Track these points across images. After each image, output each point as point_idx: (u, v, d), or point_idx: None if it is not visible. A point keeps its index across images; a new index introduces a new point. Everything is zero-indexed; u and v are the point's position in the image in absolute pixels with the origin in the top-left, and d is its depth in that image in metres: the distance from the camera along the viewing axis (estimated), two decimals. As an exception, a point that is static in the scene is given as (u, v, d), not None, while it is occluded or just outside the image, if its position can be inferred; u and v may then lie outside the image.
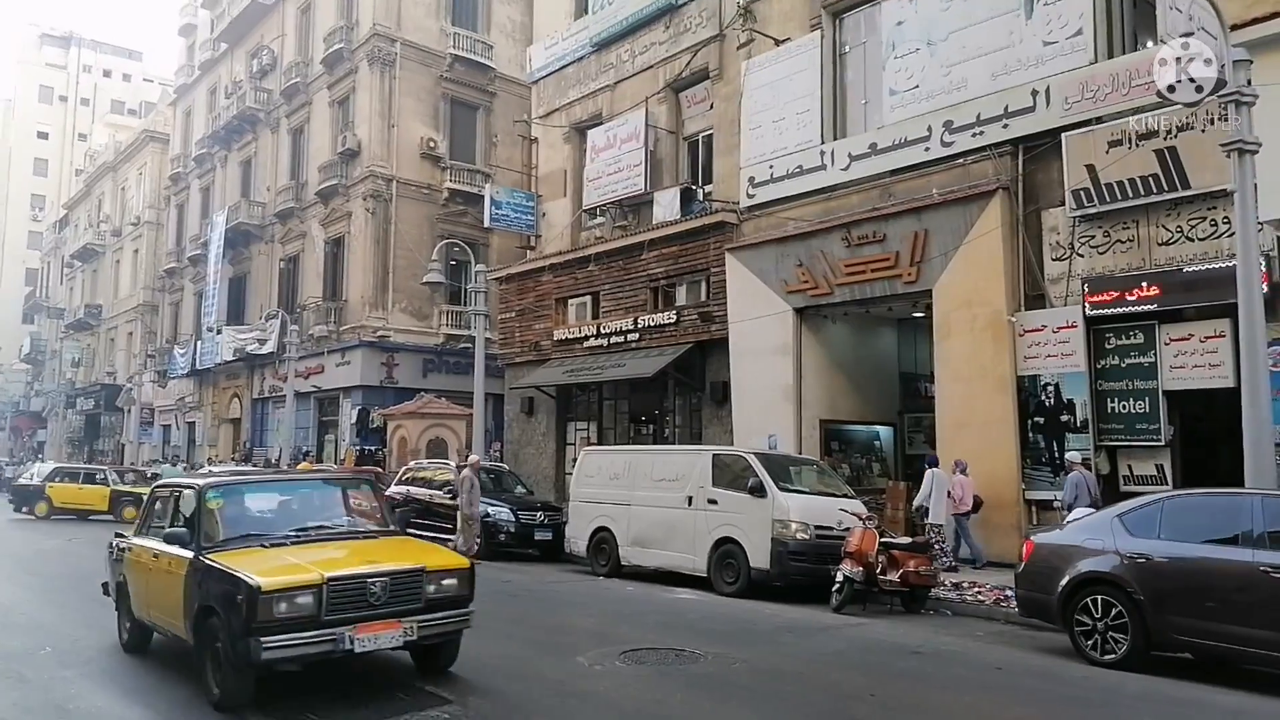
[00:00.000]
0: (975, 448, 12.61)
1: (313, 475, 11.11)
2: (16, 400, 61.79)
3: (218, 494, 6.76)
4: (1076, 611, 7.54)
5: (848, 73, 15.56)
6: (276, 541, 6.38)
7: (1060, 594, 7.64)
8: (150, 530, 7.40)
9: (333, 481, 8.24)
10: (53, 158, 72.12)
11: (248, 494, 7.10)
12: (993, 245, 12.65)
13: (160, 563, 6.70)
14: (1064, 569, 7.69)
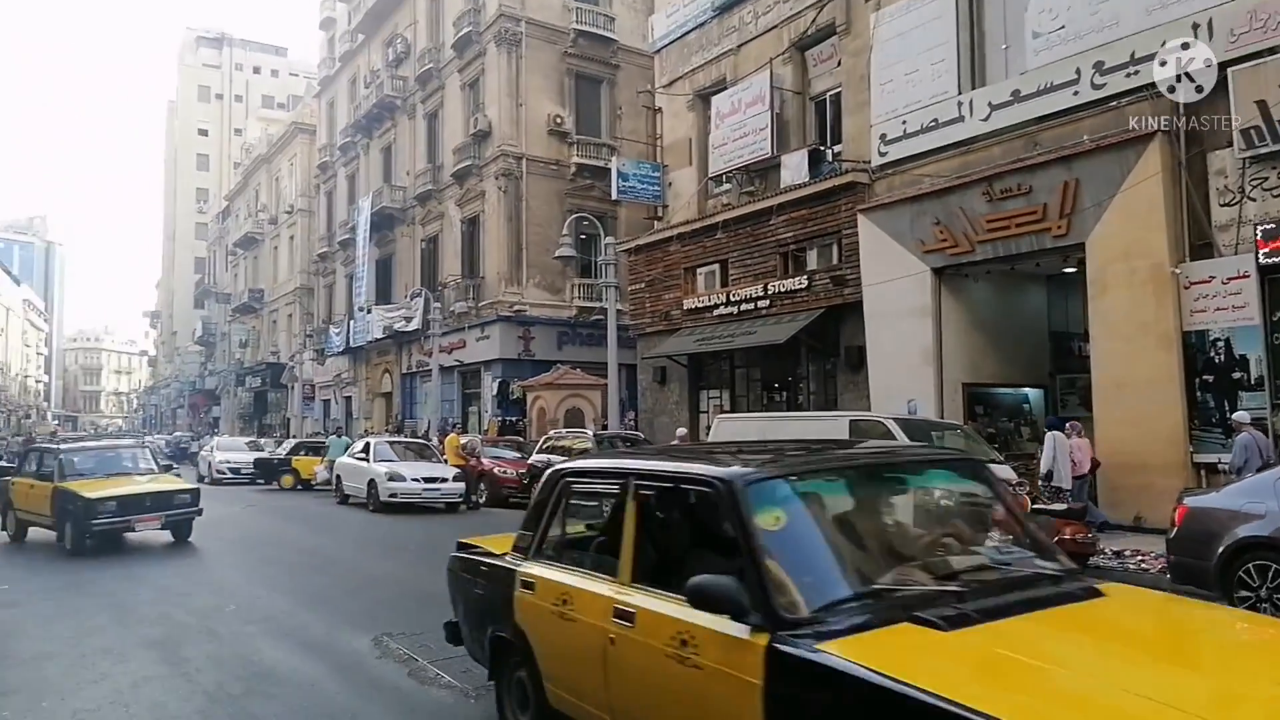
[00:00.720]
0: (1136, 409, 11.89)
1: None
2: (192, 380, 67.16)
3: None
4: (1236, 578, 7.11)
5: (985, 17, 14.75)
6: None
7: (1218, 560, 7.20)
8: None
9: None
10: (213, 153, 77.58)
11: None
12: (1152, 192, 11.80)
13: None
14: (1221, 534, 7.26)
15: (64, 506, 11.64)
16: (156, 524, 11.97)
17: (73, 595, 8.77)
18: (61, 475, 12.11)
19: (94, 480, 12.12)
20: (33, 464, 13.34)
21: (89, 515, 11.28)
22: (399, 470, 17.44)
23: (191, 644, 6.72)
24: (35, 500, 12.41)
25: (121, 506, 11.52)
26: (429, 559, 11.83)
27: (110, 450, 14.17)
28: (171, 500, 12.25)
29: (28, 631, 7.22)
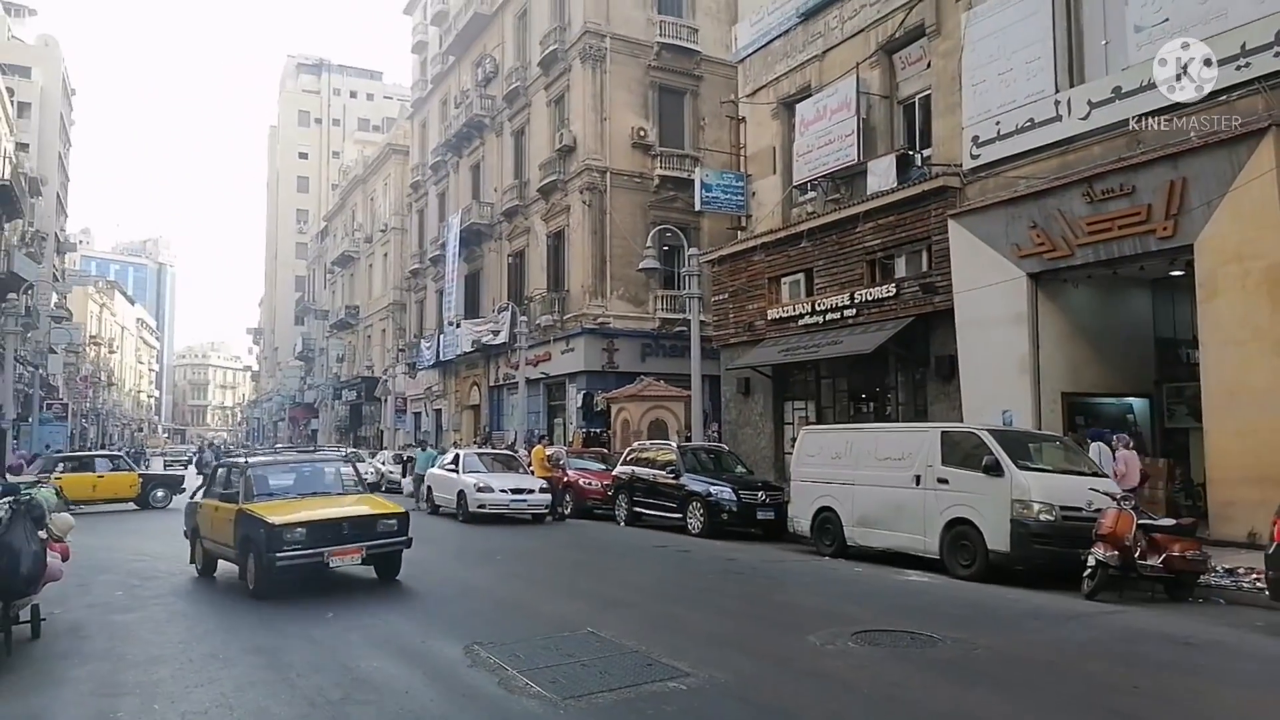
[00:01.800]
0: (1250, 418, 11.23)
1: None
2: (292, 394, 69.86)
3: None
4: None
5: (1084, 12, 14.23)
6: None
7: None
8: None
9: None
10: (312, 175, 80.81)
11: None
12: (1266, 190, 11.15)
13: None
14: None
15: (246, 535, 9.58)
16: (357, 557, 9.65)
17: (182, 602, 9.19)
18: (248, 495, 10.11)
19: (284, 502, 10.19)
20: (221, 482, 11.42)
21: (273, 545, 9.10)
22: (488, 482, 17.73)
23: (293, 650, 6.95)
24: (220, 526, 10.39)
25: (313, 534, 9.33)
26: (517, 569, 12.00)
27: (307, 465, 11.80)
28: (374, 527, 9.83)
29: (140, 636, 7.59)
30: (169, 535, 15.96)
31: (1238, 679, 6.15)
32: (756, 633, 7.56)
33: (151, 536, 15.85)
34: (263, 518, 9.30)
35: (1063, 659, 6.68)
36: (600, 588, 9.96)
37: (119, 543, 14.59)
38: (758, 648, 6.98)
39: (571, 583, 10.52)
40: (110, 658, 6.81)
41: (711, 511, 15.16)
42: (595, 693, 5.65)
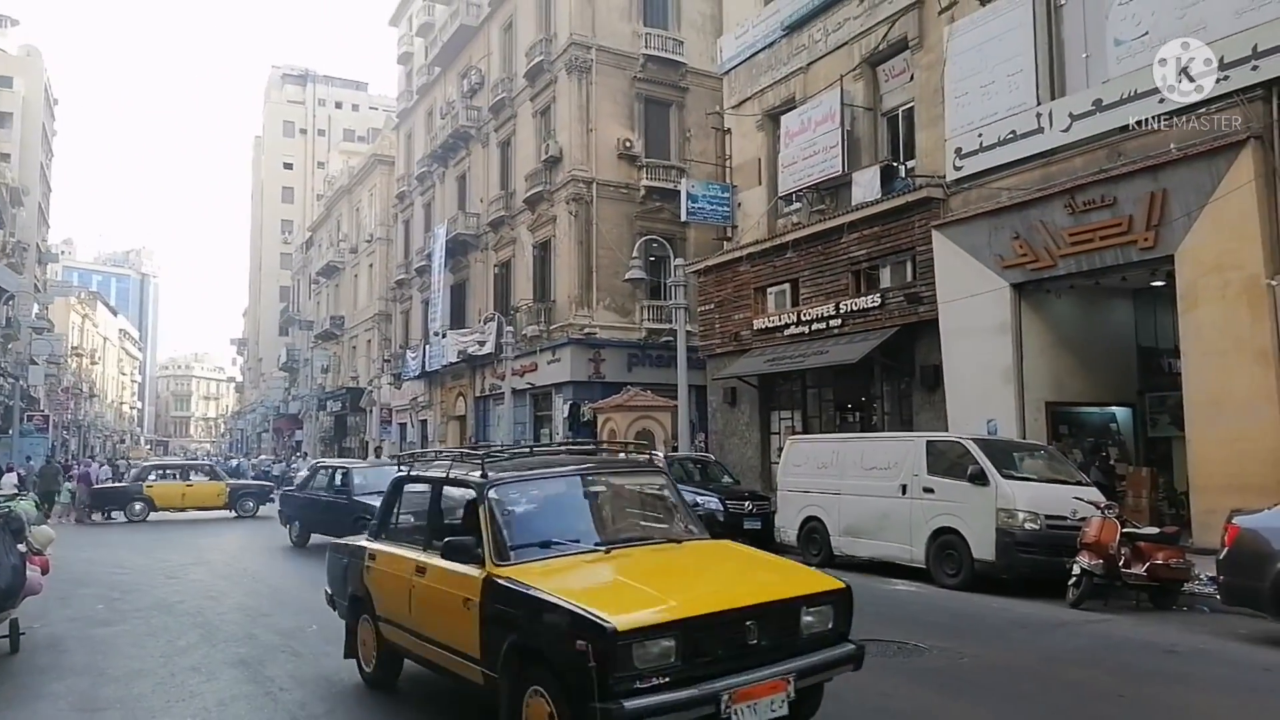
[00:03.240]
0: (1231, 427, 11.33)
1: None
2: (277, 405, 69.38)
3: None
4: None
5: (1065, 26, 14.39)
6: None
7: (1273, 581, 6.88)
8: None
9: None
10: (297, 186, 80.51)
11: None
12: (1245, 201, 11.29)
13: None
14: (1276, 554, 7.02)
15: (519, 642, 4.55)
16: (781, 697, 4.41)
17: (162, 615, 9.09)
18: (500, 548, 4.98)
19: (581, 561, 5.02)
20: (406, 510, 6.34)
21: (612, 680, 4.08)
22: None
23: (276, 663, 6.88)
24: (433, 609, 5.38)
25: (691, 646, 4.26)
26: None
27: (591, 476, 5.93)
28: (801, 633, 4.77)
29: (121, 650, 7.50)
30: (150, 548, 15.82)
31: (1221, 686, 6.19)
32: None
33: (133, 549, 15.70)
34: (570, 607, 4.30)
35: (1048, 668, 6.70)
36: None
37: (100, 555, 14.44)
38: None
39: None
40: (90, 672, 6.72)
41: (698, 522, 15.14)
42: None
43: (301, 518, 16.05)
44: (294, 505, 16.63)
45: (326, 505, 14.92)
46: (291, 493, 17.22)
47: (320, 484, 15.94)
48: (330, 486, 15.29)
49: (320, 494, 15.59)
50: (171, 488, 22.17)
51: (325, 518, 14.65)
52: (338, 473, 15.50)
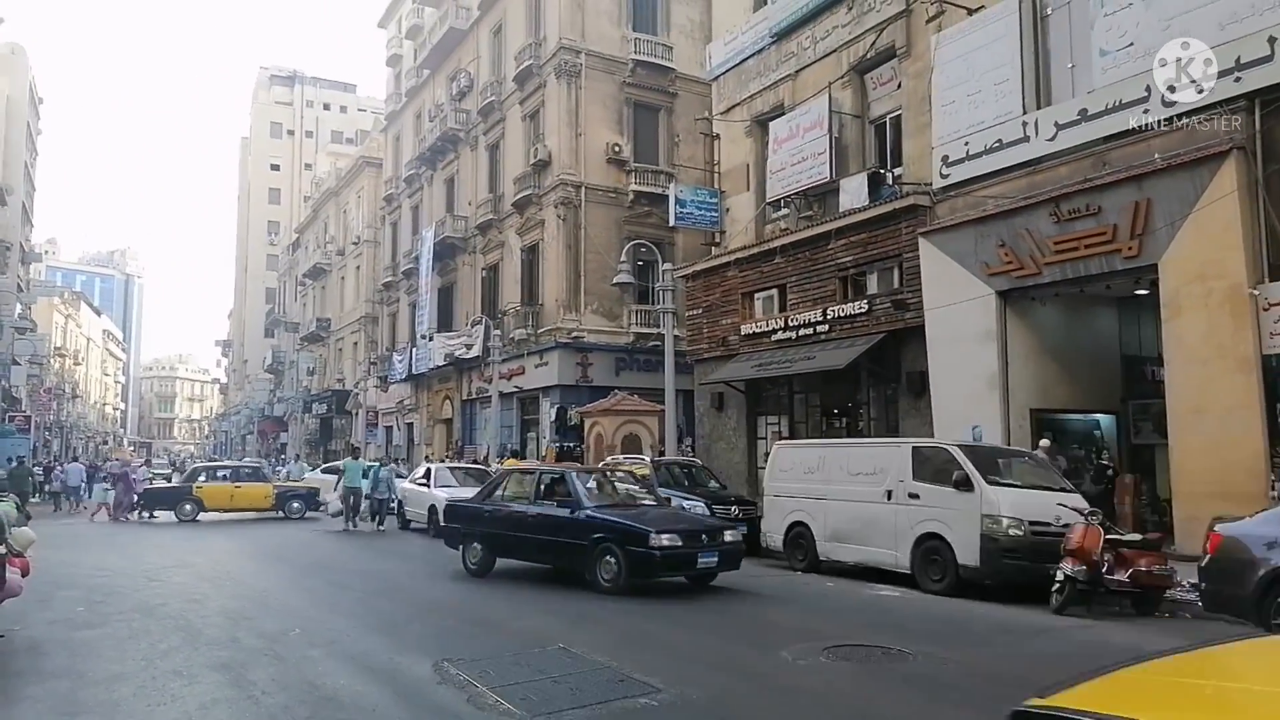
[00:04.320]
0: (1214, 436, 11.43)
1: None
2: (262, 407, 68.99)
3: None
4: (1275, 608, 6.99)
5: (1050, 36, 14.51)
6: None
7: (1254, 589, 6.97)
8: None
9: None
10: (284, 187, 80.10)
11: None
12: (1228, 211, 11.40)
13: None
14: (1258, 562, 7.10)
15: None
16: None
17: (143, 618, 9.01)
18: None
19: None
20: None
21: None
22: (459, 496, 17.59)
23: (258, 667, 6.83)
24: None
25: None
26: (488, 585, 11.90)
27: None
28: None
29: (102, 653, 7.42)
30: (132, 550, 15.68)
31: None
32: (728, 648, 7.54)
33: (114, 551, 15.56)
34: None
35: (1032, 673, 6.72)
36: (571, 603, 9.90)
37: (81, 557, 14.30)
38: (729, 663, 6.96)
39: (543, 598, 10.45)
40: (70, 675, 6.65)
41: (684, 527, 15.13)
42: (566, 710, 5.60)
43: (488, 538, 11.92)
44: (474, 520, 12.22)
45: (535, 522, 11.27)
46: (468, 505, 12.79)
47: (518, 493, 12.12)
48: (538, 496, 11.59)
49: (520, 507, 11.66)
50: (221, 489, 22.54)
51: (532, 539, 11.33)
52: (548, 478, 11.98)
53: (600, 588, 9.99)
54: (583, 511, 10.66)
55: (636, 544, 9.84)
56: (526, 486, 11.94)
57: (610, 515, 10.55)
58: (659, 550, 9.76)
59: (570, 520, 10.72)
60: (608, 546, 10.10)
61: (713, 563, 10.32)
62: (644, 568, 9.91)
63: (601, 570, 10.11)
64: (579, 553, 10.43)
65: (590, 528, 10.42)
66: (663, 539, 9.82)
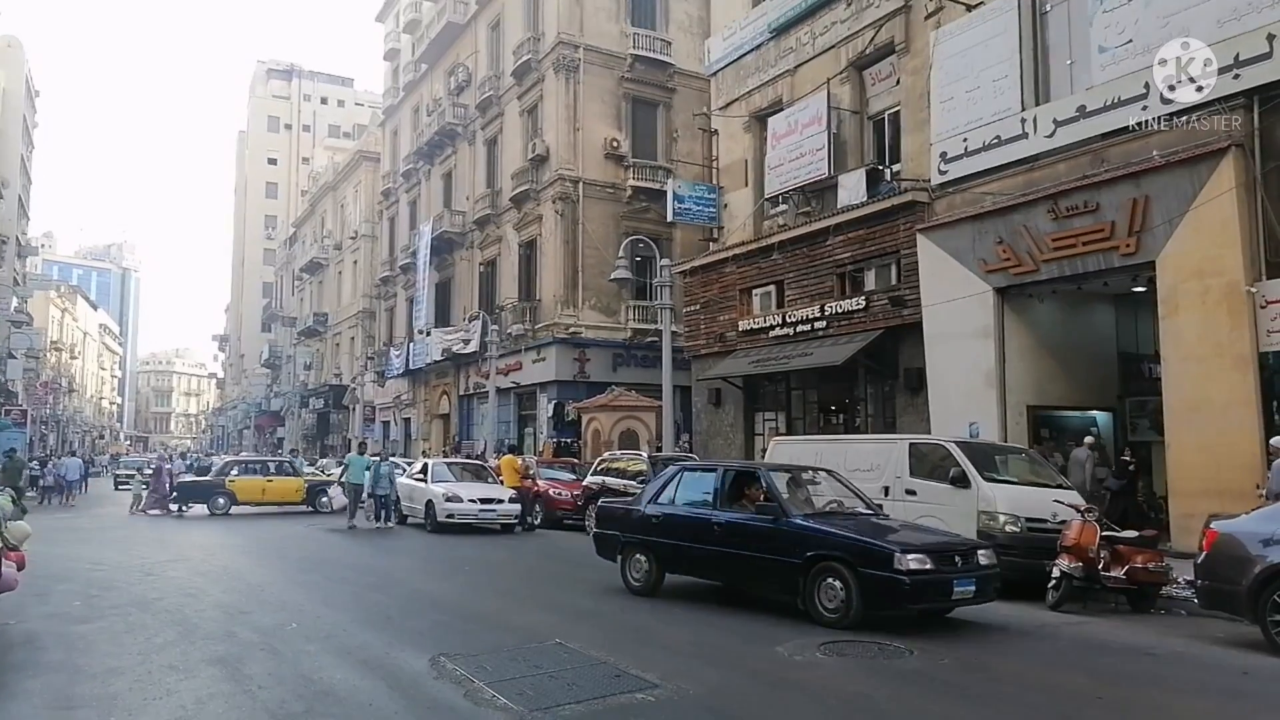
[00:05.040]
0: (1210, 433, 11.45)
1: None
2: (258, 401, 68.91)
3: None
4: (1271, 605, 7.02)
5: (1049, 32, 14.50)
6: None
7: (1250, 586, 7.04)
8: None
9: None
10: (281, 181, 79.95)
11: None
12: (1225, 209, 11.41)
13: None
14: (1253, 559, 7.15)
15: None
16: None
17: (140, 612, 9.00)
18: None
19: None
20: None
21: None
22: (456, 491, 17.59)
23: (254, 661, 6.82)
24: None
25: None
26: (486, 580, 11.91)
27: None
28: None
29: (98, 647, 7.41)
30: (129, 544, 15.66)
31: (1199, 689, 6.25)
32: (726, 644, 7.55)
33: (111, 545, 15.54)
34: None
35: (1028, 670, 6.74)
36: (568, 598, 9.90)
37: (78, 551, 14.28)
38: (726, 659, 6.97)
39: (540, 593, 10.45)
40: (66, 669, 6.64)
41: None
42: (562, 704, 5.60)
43: (657, 549, 9.78)
44: (638, 527, 10.01)
45: (724, 533, 9.07)
46: (630, 509, 10.46)
47: (697, 496, 9.76)
48: (724, 500, 9.37)
49: (702, 513, 9.43)
50: (253, 482, 22.74)
51: (719, 554, 9.14)
52: (736, 477, 9.64)
53: (822, 619, 8.00)
54: (790, 521, 8.58)
55: (875, 565, 7.79)
56: (707, 487, 9.69)
57: (829, 527, 8.52)
58: (907, 575, 7.65)
59: (773, 531, 8.59)
60: (831, 567, 8.07)
61: (969, 591, 8.05)
62: (886, 596, 7.81)
63: (821, 597, 8.09)
64: (786, 574, 8.43)
65: (802, 542, 8.34)
66: (909, 560, 7.71)
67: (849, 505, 9.52)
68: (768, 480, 9.20)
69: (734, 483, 9.56)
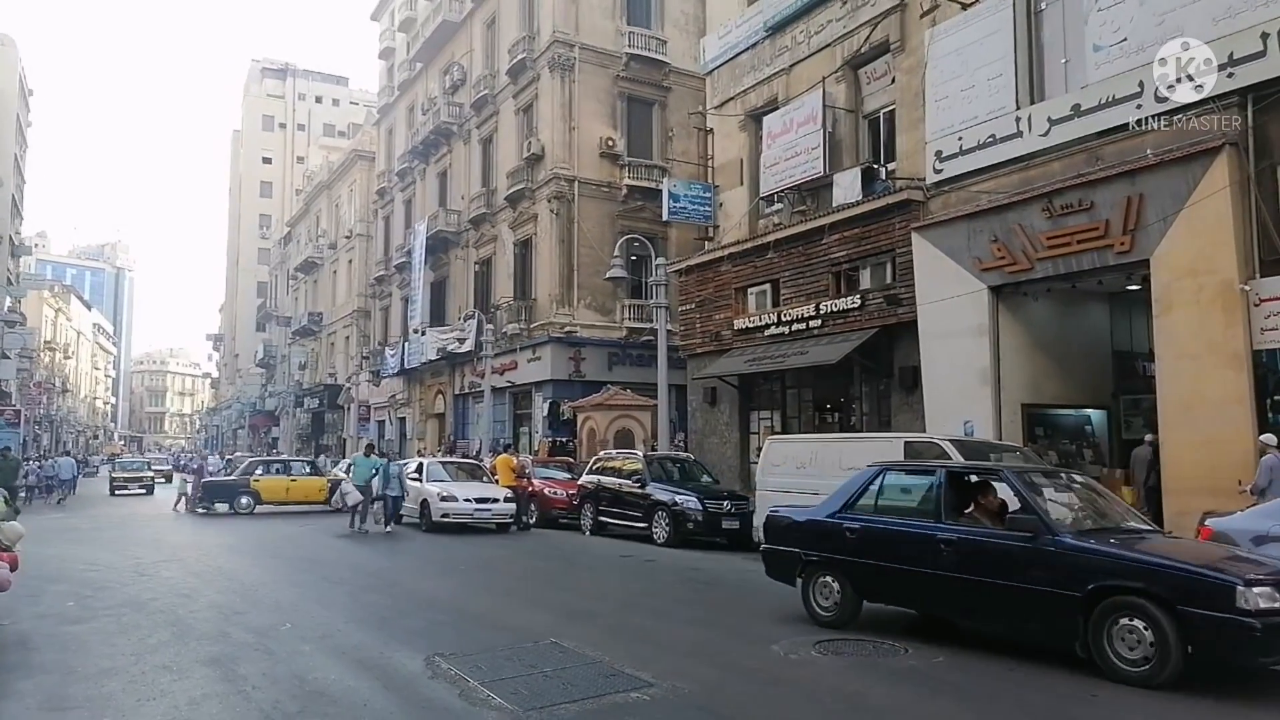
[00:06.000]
0: (1204, 431, 11.46)
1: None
2: (253, 401, 68.76)
3: None
4: None
5: (1044, 31, 14.51)
6: None
7: None
8: None
9: None
10: (276, 180, 79.80)
11: None
12: (1219, 207, 11.42)
13: None
14: None
15: None
16: None
17: (133, 612, 8.97)
18: None
19: None
20: None
21: None
22: (451, 490, 17.58)
23: (248, 662, 6.81)
24: None
25: None
26: (481, 579, 11.89)
27: None
28: None
29: (91, 648, 7.39)
30: (123, 545, 15.62)
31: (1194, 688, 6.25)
32: (720, 642, 7.55)
33: (105, 546, 15.50)
34: None
35: (1022, 667, 6.74)
36: (564, 598, 9.90)
37: (72, 552, 14.25)
38: (721, 657, 6.96)
39: (535, 593, 10.45)
40: (59, 670, 6.62)
41: (677, 521, 15.16)
42: (557, 704, 5.60)
43: (855, 571, 7.90)
44: (828, 543, 8.11)
45: (955, 554, 7.07)
46: (813, 519, 8.45)
47: (908, 505, 8.08)
48: (949, 509, 7.44)
49: (919, 526, 7.57)
50: (277, 482, 22.98)
51: (949, 581, 7.14)
52: (961, 478, 7.84)
53: (1117, 673, 6.12)
54: (1059, 540, 6.54)
55: (1205, 603, 5.79)
56: (923, 493, 7.81)
57: (1121, 548, 6.50)
58: (1257, 618, 5.60)
59: (1033, 553, 6.58)
60: (1129, 604, 6.10)
61: None
62: (1224, 645, 5.85)
63: (1116, 644, 6.14)
64: (1057, 611, 6.43)
65: (1081, 569, 6.34)
66: (1256, 596, 5.66)
67: (1117, 517, 7.33)
68: (1018, 484, 7.07)
69: (960, 487, 7.68)
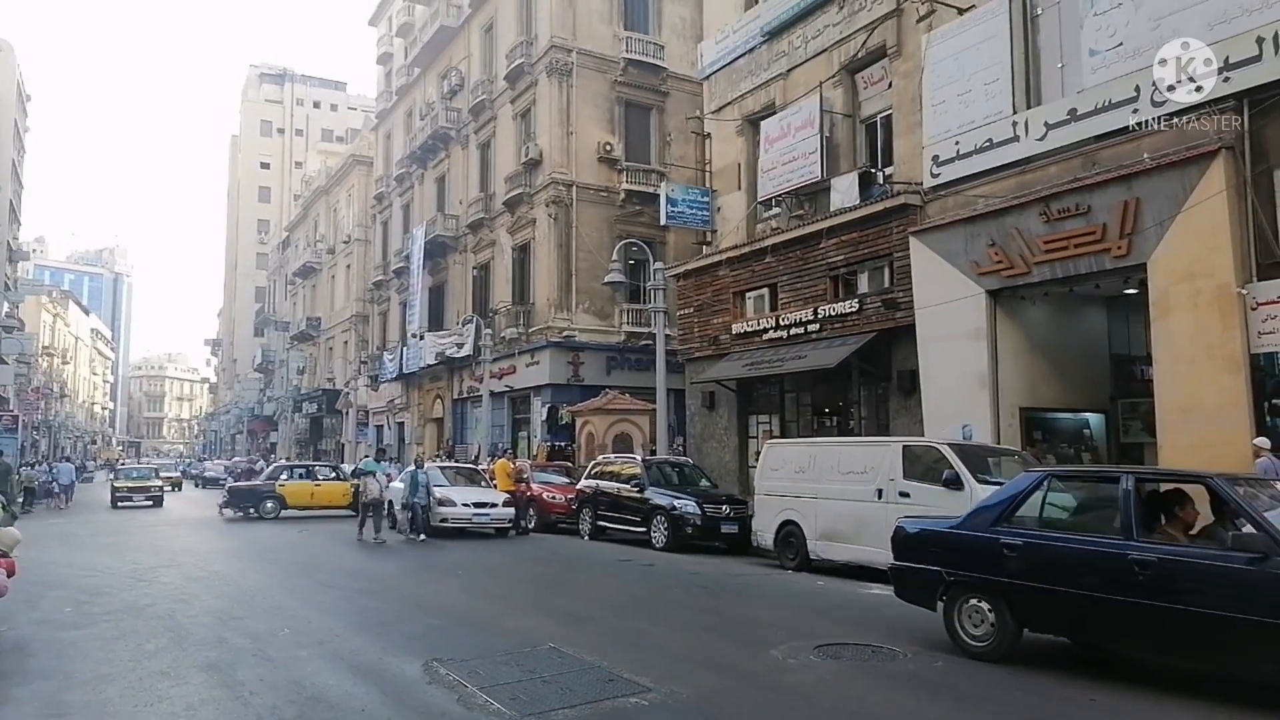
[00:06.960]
0: (1202, 435, 11.47)
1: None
2: (251, 406, 68.71)
3: None
4: None
5: (1040, 36, 14.55)
6: None
7: None
8: None
9: None
10: (274, 185, 79.89)
11: None
12: (1216, 211, 11.45)
13: None
14: None
15: None
16: None
17: (131, 618, 8.96)
18: None
19: None
20: None
21: None
22: (450, 495, 17.56)
23: (246, 667, 6.80)
24: None
25: None
26: (479, 584, 11.88)
27: None
28: None
29: (89, 653, 7.38)
30: (121, 550, 15.60)
31: (1193, 689, 6.25)
32: (719, 647, 7.54)
33: (103, 551, 15.47)
34: None
35: (1022, 672, 6.74)
36: (563, 603, 9.89)
37: (70, 557, 14.23)
38: (720, 662, 6.96)
39: (534, 598, 10.43)
40: (56, 676, 6.61)
41: (676, 525, 15.15)
42: (555, 709, 5.59)
43: (1016, 595, 6.79)
44: (983, 561, 6.95)
45: (1157, 573, 5.88)
46: (959, 531, 7.31)
47: (1084, 519, 7.18)
48: (1139, 524, 6.16)
49: (1098, 543, 6.40)
50: (302, 487, 23.24)
51: (1145, 610, 5.96)
52: (1152, 487, 6.63)
53: None
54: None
55: None
56: (1105, 504, 6.62)
57: None
58: None
59: (1261, 579, 5.40)
60: None
61: None
62: None
63: None
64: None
65: None
66: None
67: None
68: (1233, 495, 5.81)
69: (1151, 498, 6.43)
